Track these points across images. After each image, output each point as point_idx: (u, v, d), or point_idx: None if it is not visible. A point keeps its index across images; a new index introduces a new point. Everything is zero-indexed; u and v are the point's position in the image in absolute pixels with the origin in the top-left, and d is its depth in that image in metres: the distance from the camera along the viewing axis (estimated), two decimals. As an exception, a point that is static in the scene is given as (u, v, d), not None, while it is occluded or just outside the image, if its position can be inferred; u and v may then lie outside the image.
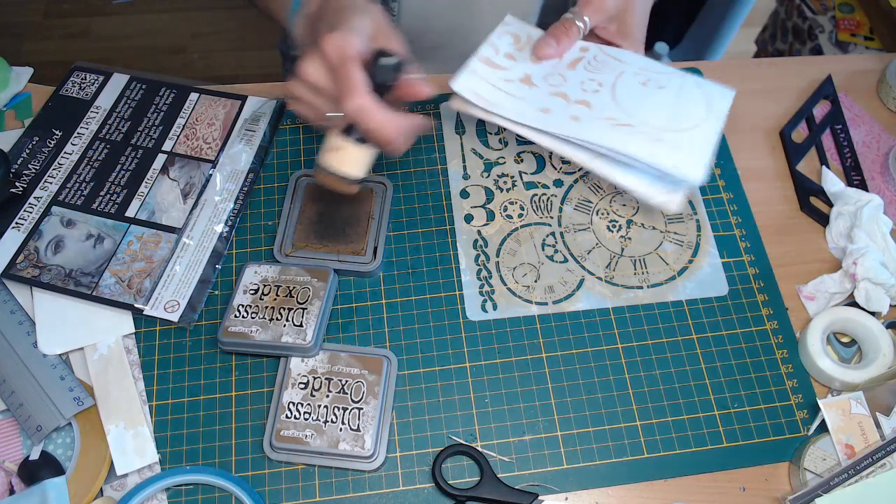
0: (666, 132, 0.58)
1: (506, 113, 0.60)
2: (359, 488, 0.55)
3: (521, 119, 0.60)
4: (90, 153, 0.68)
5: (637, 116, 0.59)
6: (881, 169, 0.69)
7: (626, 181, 0.59)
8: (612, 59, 0.63)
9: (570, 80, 0.62)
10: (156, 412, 0.58)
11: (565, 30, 0.62)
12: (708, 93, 0.62)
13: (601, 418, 0.57)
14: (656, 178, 0.58)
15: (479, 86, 0.61)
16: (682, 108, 0.60)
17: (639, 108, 0.60)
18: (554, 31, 0.62)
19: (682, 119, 0.59)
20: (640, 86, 0.61)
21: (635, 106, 0.60)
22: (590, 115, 0.59)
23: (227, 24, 1.93)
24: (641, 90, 0.61)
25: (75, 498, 0.53)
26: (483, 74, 0.62)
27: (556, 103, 0.60)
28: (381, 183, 0.66)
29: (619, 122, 0.59)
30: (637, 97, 0.61)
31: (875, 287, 0.60)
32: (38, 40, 1.91)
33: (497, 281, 0.63)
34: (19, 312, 0.61)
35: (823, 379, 0.58)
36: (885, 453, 0.52)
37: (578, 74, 0.62)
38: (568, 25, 0.62)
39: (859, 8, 1.30)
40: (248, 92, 0.72)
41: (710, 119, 0.60)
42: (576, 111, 0.60)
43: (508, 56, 0.63)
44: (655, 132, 0.58)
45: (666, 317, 0.61)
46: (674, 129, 0.58)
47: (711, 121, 0.60)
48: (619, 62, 0.63)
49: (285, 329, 0.58)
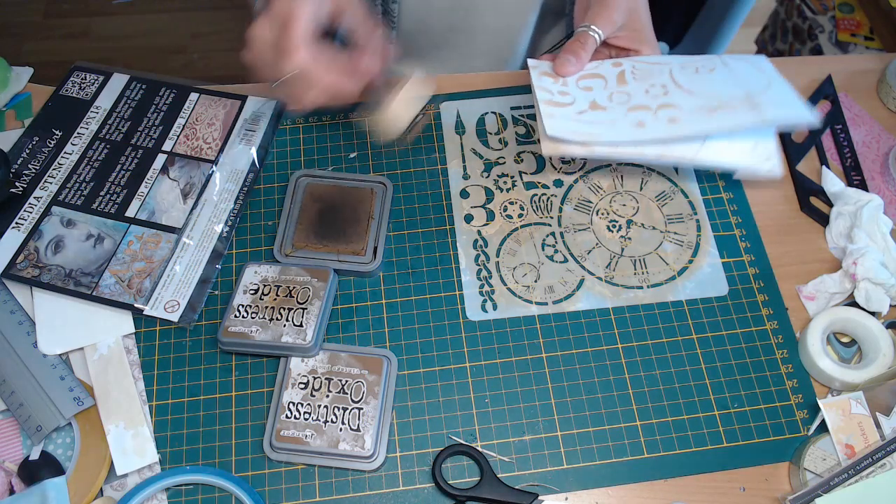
0: (753, 97, 0.60)
1: (605, 138, 0.59)
2: (359, 488, 0.55)
3: (622, 138, 0.59)
4: (90, 153, 0.68)
5: (722, 97, 0.60)
6: (881, 169, 0.69)
7: (734, 159, 0.60)
8: (649, 64, 0.63)
9: (634, 93, 0.61)
10: (156, 412, 0.58)
11: (581, 43, 0.62)
12: (746, 60, 0.64)
13: (601, 418, 0.57)
14: (754, 145, 0.61)
15: (566, 125, 0.60)
16: (744, 78, 0.62)
17: (715, 90, 0.61)
18: (570, 48, 0.62)
19: (753, 84, 0.61)
20: (695, 74, 0.62)
21: (711, 90, 0.61)
22: (680, 113, 0.60)
23: (227, 24, 1.93)
24: (702, 77, 0.62)
25: (75, 498, 0.53)
26: (559, 115, 0.60)
27: (643, 115, 0.60)
28: (381, 183, 0.66)
29: (711, 108, 0.60)
30: (704, 83, 0.61)
31: (875, 287, 0.60)
32: (38, 40, 1.91)
33: (497, 281, 0.63)
34: (19, 312, 0.61)
35: (823, 379, 0.58)
36: (885, 453, 0.52)
37: (633, 86, 0.62)
38: (583, 38, 0.62)
39: (859, 8, 1.30)
40: (248, 92, 0.72)
41: (772, 76, 0.62)
42: (666, 114, 0.60)
43: (562, 93, 0.62)
44: (748, 100, 0.60)
45: (666, 317, 0.61)
46: (759, 92, 0.60)
47: (774, 76, 0.62)
48: (657, 65, 0.63)
49: (285, 329, 0.58)
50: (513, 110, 0.71)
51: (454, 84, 0.73)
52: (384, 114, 0.59)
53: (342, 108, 0.70)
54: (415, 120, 0.60)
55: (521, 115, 0.71)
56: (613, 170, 0.68)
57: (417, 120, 0.60)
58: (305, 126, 0.71)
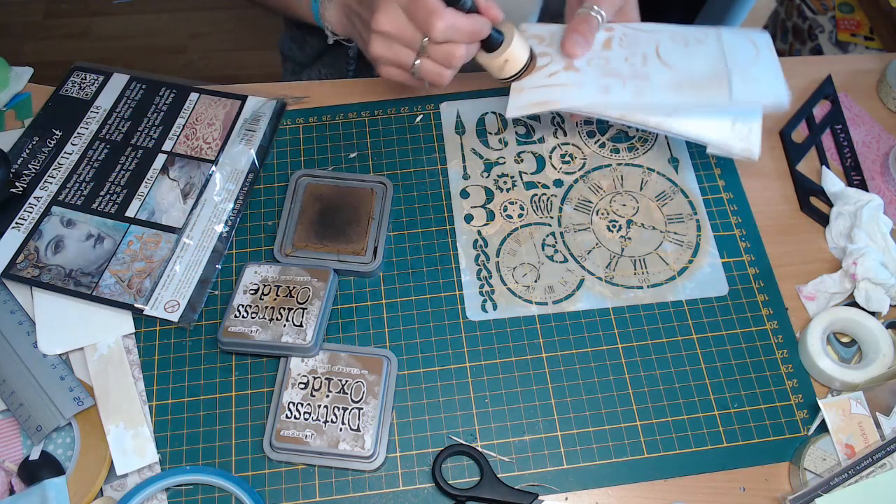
0: (731, 74, 0.60)
1: (568, 103, 0.60)
2: (359, 488, 0.55)
3: (585, 101, 0.60)
4: (90, 153, 0.68)
5: (694, 73, 0.60)
6: (881, 169, 0.69)
7: (706, 133, 0.60)
8: (641, 32, 0.63)
9: (613, 60, 0.62)
10: (156, 412, 0.58)
11: (588, 25, 0.62)
12: (745, 34, 0.63)
13: (601, 418, 0.57)
14: (732, 122, 0.60)
15: (529, 96, 0.61)
16: (732, 51, 0.61)
17: (694, 66, 0.61)
18: (578, 28, 0.62)
19: (739, 58, 0.61)
20: (683, 48, 0.62)
21: (689, 64, 0.61)
22: (648, 87, 0.60)
23: (227, 24, 1.93)
24: (687, 50, 0.62)
25: (75, 498, 0.53)
26: (527, 83, 0.62)
27: (613, 83, 0.61)
28: (381, 183, 0.66)
29: (678, 84, 0.60)
30: (686, 57, 0.61)
31: (875, 287, 0.60)
32: (38, 40, 1.91)
33: (497, 281, 0.63)
34: (19, 312, 0.61)
35: (823, 379, 0.58)
36: (885, 453, 0.52)
37: (617, 52, 0.62)
38: (588, 19, 0.62)
39: (859, 8, 1.30)
40: (248, 92, 0.72)
41: (763, 50, 0.61)
42: (635, 85, 0.60)
43: (543, 54, 0.63)
44: (719, 79, 0.59)
45: (666, 317, 0.61)
46: (740, 69, 0.60)
47: (764, 50, 0.61)
48: (648, 33, 0.63)
49: (285, 329, 0.58)
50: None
51: (454, 84, 0.73)
52: (505, 56, 0.60)
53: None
54: (529, 60, 0.61)
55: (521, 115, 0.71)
56: (613, 170, 0.68)
57: (531, 60, 0.61)
58: (305, 126, 0.71)
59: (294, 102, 0.72)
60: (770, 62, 0.61)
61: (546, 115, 0.71)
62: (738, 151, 0.61)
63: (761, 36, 0.64)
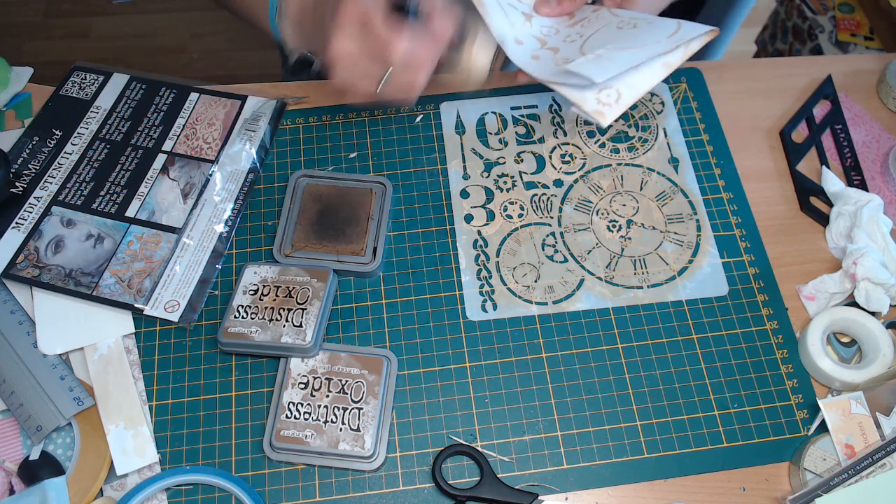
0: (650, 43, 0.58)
1: (490, 23, 0.60)
2: (359, 488, 0.55)
3: (497, 37, 0.60)
4: (90, 153, 0.68)
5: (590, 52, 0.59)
6: (881, 169, 0.69)
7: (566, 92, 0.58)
8: (611, 15, 0.62)
9: (560, 33, 0.62)
10: (156, 412, 0.58)
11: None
12: (685, 28, 0.59)
13: (601, 418, 0.57)
14: (603, 89, 0.58)
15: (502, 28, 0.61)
16: (657, 27, 0.59)
17: (596, 48, 0.59)
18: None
19: (660, 31, 0.59)
20: (617, 30, 0.60)
21: (594, 47, 0.59)
22: (550, 58, 0.60)
23: (227, 24, 1.93)
24: (614, 33, 0.60)
25: (75, 498, 0.53)
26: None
27: (531, 42, 0.61)
28: (381, 183, 0.66)
29: (569, 68, 0.58)
30: (603, 41, 0.59)
31: (875, 287, 0.60)
32: (38, 40, 1.91)
33: (497, 281, 0.63)
34: (19, 312, 0.61)
35: (823, 379, 0.58)
36: (885, 453, 0.52)
37: (570, 30, 0.62)
38: None
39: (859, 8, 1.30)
40: (248, 92, 0.72)
41: (659, 44, 0.58)
42: (541, 54, 0.60)
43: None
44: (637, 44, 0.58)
45: (666, 317, 0.61)
46: (661, 39, 0.58)
47: (661, 45, 0.58)
48: (614, 16, 0.62)
49: (285, 329, 0.58)
50: (513, 110, 0.71)
51: (454, 84, 0.73)
52: (466, 63, 0.61)
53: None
54: (494, 59, 0.62)
55: (521, 115, 0.71)
56: (613, 170, 0.68)
57: (495, 58, 0.62)
58: (305, 126, 0.71)
59: (294, 102, 0.72)
60: (648, 52, 0.58)
61: (546, 115, 0.71)
62: (588, 109, 0.58)
63: (697, 29, 0.60)
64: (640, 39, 0.58)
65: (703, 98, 0.72)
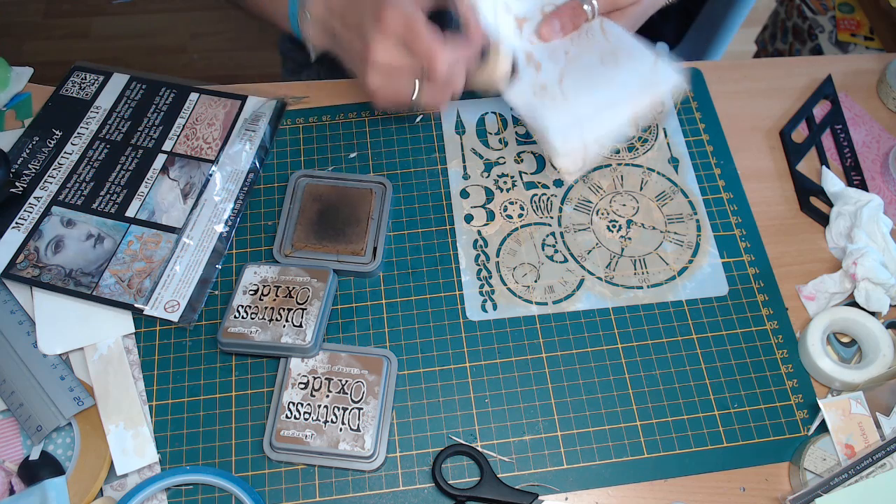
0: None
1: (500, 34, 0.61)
2: (359, 488, 0.55)
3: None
4: (90, 153, 0.68)
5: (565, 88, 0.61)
6: (881, 169, 0.69)
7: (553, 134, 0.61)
8: (601, 33, 0.63)
9: (550, 45, 0.63)
10: (156, 412, 0.58)
11: (573, 16, 0.61)
12: (656, 74, 0.61)
13: (601, 418, 0.57)
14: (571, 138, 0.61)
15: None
16: (620, 73, 0.61)
17: (574, 85, 0.61)
18: (561, 15, 0.62)
19: (604, 84, 0.61)
20: (599, 64, 0.62)
21: (572, 83, 0.61)
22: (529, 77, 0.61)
23: (227, 24, 1.93)
24: (595, 69, 0.61)
25: (75, 498, 0.53)
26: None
27: (520, 56, 0.62)
28: (381, 183, 0.66)
29: (543, 95, 0.61)
30: (583, 74, 0.61)
31: (875, 287, 0.60)
32: (38, 40, 1.91)
33: (497, 281, 0.63)
34: (19, 312, 0.61)
35: (823, 379, 0.58)
36: (885, 453, 0.52)
37: (558, 44, 0.63)
38: (577, 11, 0.61)
39: (859, 8, 1.30)
40: (248, 92, 0.72)
41: (624, 98, 0.61)
42: (524, 75, 0.62)
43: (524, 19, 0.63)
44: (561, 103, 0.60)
45: (666, 317, 0.61)
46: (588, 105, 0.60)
47: (632, 93, 0.61)
48: (602, 35, 0.63)
49: (285, 330, 0.58)
50: (513, 110, 0.71)
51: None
52: (493, 69, 0.61)
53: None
54: (513, 67, 0.62)
55: (521, 115, 0.71)
56: (613, 170, 0.68)
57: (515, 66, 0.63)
58: (305, 126, 0.71)
59: (294, 102, 0.72)
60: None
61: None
62: (558, 163, 0.63)
63: (668, 79, 0.62)
64: (616, 79, 0.61)
65: (703, 98, 0.72)
